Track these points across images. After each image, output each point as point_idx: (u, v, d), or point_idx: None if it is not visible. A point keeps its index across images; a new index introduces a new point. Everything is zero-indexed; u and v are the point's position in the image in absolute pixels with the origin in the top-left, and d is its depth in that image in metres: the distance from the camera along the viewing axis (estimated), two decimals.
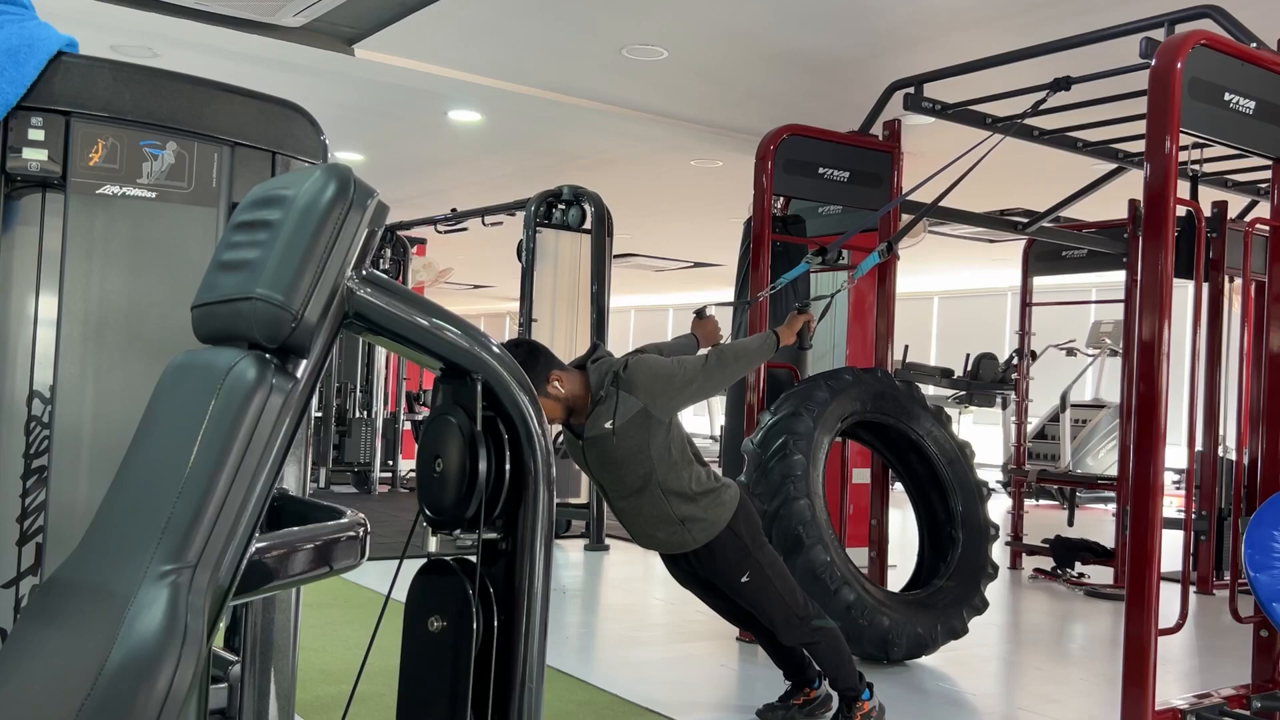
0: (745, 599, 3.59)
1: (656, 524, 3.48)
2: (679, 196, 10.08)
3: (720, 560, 3.53)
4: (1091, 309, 10.76)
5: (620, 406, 3.32)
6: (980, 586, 4.85)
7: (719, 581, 3.60)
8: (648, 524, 3.50)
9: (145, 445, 1.23)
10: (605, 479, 3.50)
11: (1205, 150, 5.25)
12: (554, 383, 3.30)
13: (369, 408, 10.14)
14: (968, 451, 5.07)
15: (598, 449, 3.39)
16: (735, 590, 3.58)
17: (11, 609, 1.79)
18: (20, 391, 1.81)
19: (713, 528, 3.48)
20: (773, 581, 3.57)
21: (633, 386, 3.33)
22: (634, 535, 3.61)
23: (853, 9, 5.20)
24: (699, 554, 3.54)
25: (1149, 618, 3.37)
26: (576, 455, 3.52)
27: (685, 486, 3.44)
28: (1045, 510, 10.81)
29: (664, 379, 3.38)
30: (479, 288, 19.68)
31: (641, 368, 3.37)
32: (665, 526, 3.48)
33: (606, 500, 3.59)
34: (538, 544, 1.40)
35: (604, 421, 3.32)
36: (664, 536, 3.51)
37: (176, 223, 1.88)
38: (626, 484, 3.44)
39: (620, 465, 3.40)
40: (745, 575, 3.53)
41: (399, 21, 5.63)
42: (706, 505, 3.48)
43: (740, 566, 3.53)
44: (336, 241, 1.21)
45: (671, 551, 3.59)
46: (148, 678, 1.04)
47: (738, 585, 3.55)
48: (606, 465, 3.43)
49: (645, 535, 3.56)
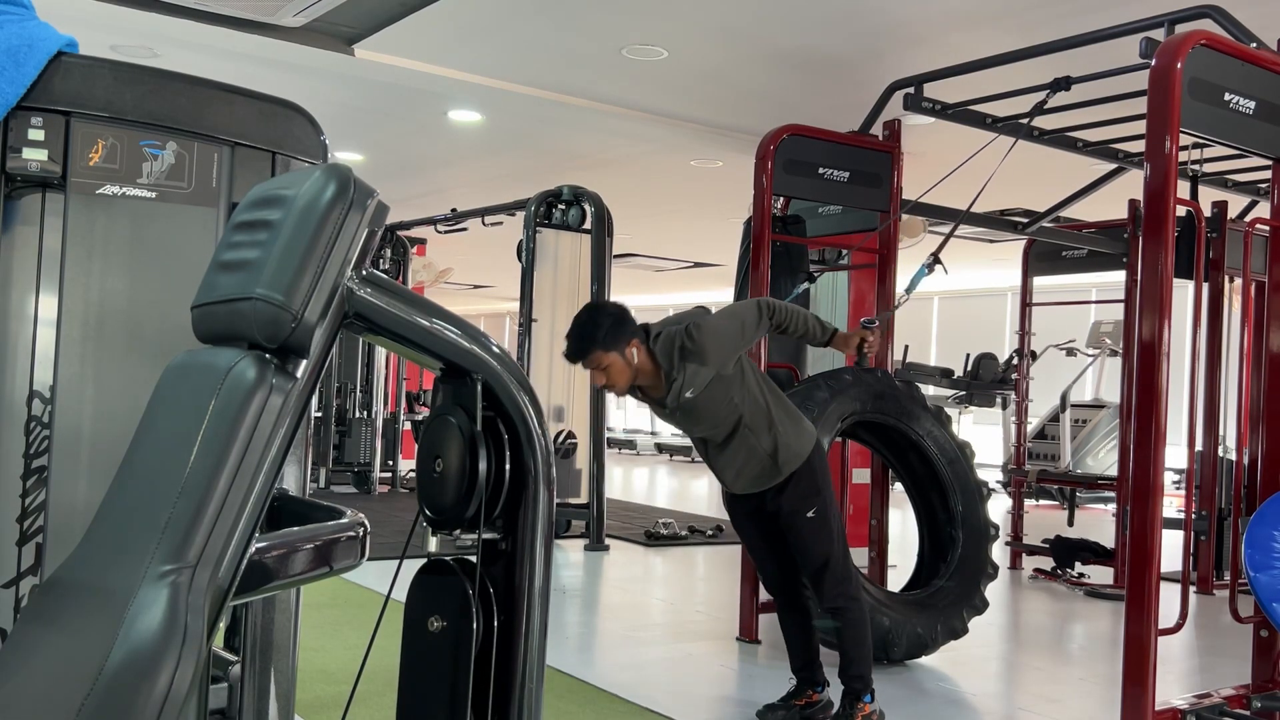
0: (804, 538, 3.65)
1: (750, 463, 3.63)
2: (679, 196, 10.08)
3: (794, 490, 3.64)
4: (1091, 309, 10.77)
5: (693, 377, 3.49)
6: (980, 586, 4.85)
7: (785, 515, 3.66)
8: (744, 465, 3.65)
9: (145, 445, 1.23)
10: (700, 432, 3.67)
11: (1205, 150, 5.25)
12: (631, 349, 3.46)
13: (369, 408, 10.14)
14: (968, 451, 5.07)
15: (685, 412, 3.59)
16: (798, 526, 3.65)
17: (11, 609, 1.79)
18: (20, 391, 1.81)
19: (797, 458, 3.63)
20: (831, 526, 3.69)
21: (702, 357, 3.48)
22: (728, 480, 3.74)
23: (853, 9, 5.20)
24: (779, 488, 3.65)
25: (1149, 618, 3.37)
26: (672, 421, 3.70)
27: (770, 420, 3.61)
28: (1045, 510, 10.81)
29: (721, 334, 3.52)
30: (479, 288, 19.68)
31: (706, 337, 3.49)
32: (758, 464, 3.63)
33: (703, 452, 3.75)
34: (538, 544, 1.40)
35: (685, 392, 3.51)
36: (757, 473, 3.66)
37: (176, 223, 1.88)
38: (720, 432, 3.61)
39: (711, 421, 3.59)
40: (812, 510, 3.65)
41: (399, 21, 5.63)
42: (793, 435, 3.64)
43: (809, 501, 3.65)
44: (336, 241, 1.21)
45: (763, 487, 3.68)
46: (148, 678, 1.04)
47: (802, 520, 3.64)
48: (698, 423, 3.62)
49: (740, 477, 3.69)
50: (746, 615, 5.02)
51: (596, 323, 3.43)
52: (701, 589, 6.59)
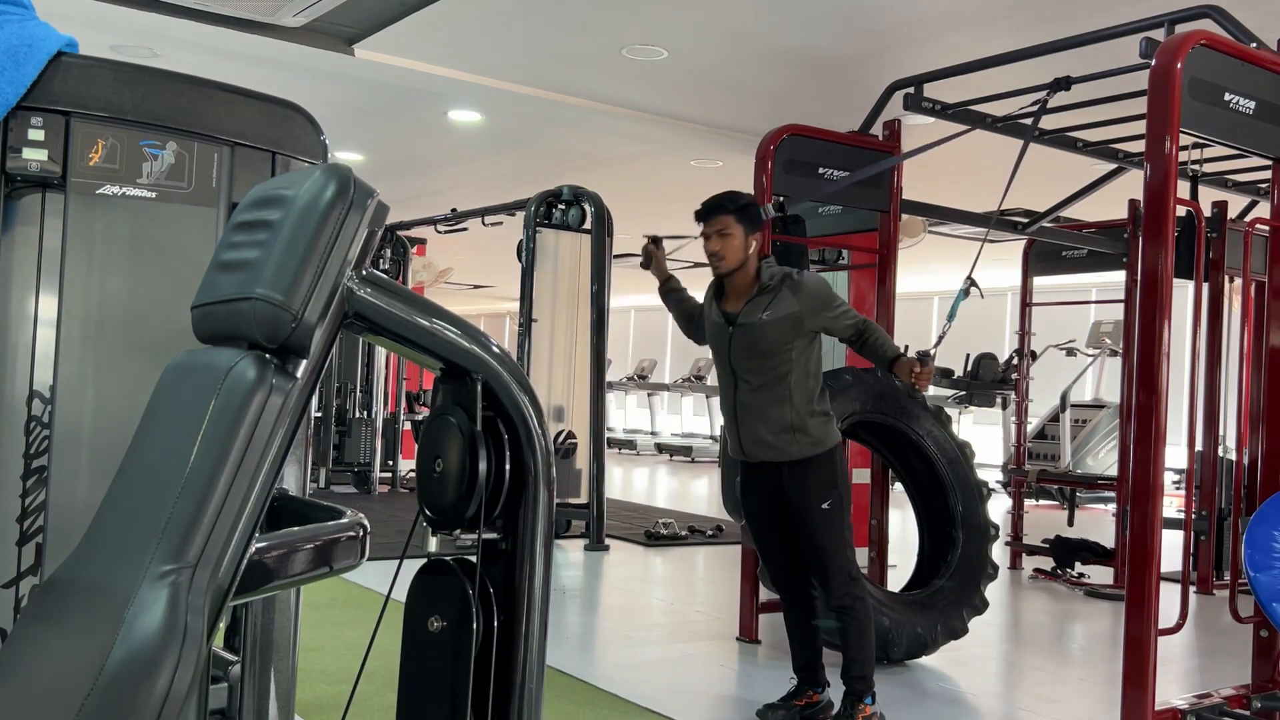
0: (816, 530, 3.67)
1: (770, 426, 3.66)
2: (679, 196, 10.07)
3: (812, 478, 3.67)
4: (1091, 309, 10.77)
5: (779, 304, 3.62)
6: (980, 586, 4.85)
7: (800, 503, 3.68)
8: (763, 425, 3.67)
9: (145, 445, 1.23)
10: (744, 367, 3.69)
11: (1205, 150, 5.25)
12: (753, 239, 3.66)
13: (369, 408, 10.14)
14: (968, 451, 5.07)
15: (746, 336, 3.66)
16: (810, 517, 3.66)
17: (11, 609, 1.79)
18: (20, 391, 1.81)
19: (816, 446, 3.68)
20: (844, 520, 3.72)
21: (799, 291, 3.62)
22: (743, 440, 3.74)
23: (853, 9, 5.20)
24: (796, 467, 3.67)
25: (1149, 618, 3.37)
26: (720, 344, 3.75)
27: (810, 398, 3.68)
28: (1045, 510, 10.80)
29: (826, 299, 3.69)
30: (479, 288, 19.68)
31: (812, 281, 3.69)
32: (777, 431, 3.66)
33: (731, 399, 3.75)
34: (538, 544, 1.40)
35: (760, 312, 3.62)
36: (772, 440, 3.67)
37: (176, 223, 1.88)
38: (763, 374, 3.66)
39: (763, 356, 3.65)
40: (827, 503, 3.68)
41: (399, 21, 5.63)
42: (818, 424, 3.70)
43: (825, 492, 3.68)
44: (336, 241, 1.21)
45: (775, 459, 3.69)
46: (148, 678, 1.04)
47: (816, 512, 3.66)
48: (749, 353, 3.67)
49: (755, 440, 3.71)
50: (746, 615, 5.02)
51: (739, 195, 3.71)
52: (701, 589, 6.59)
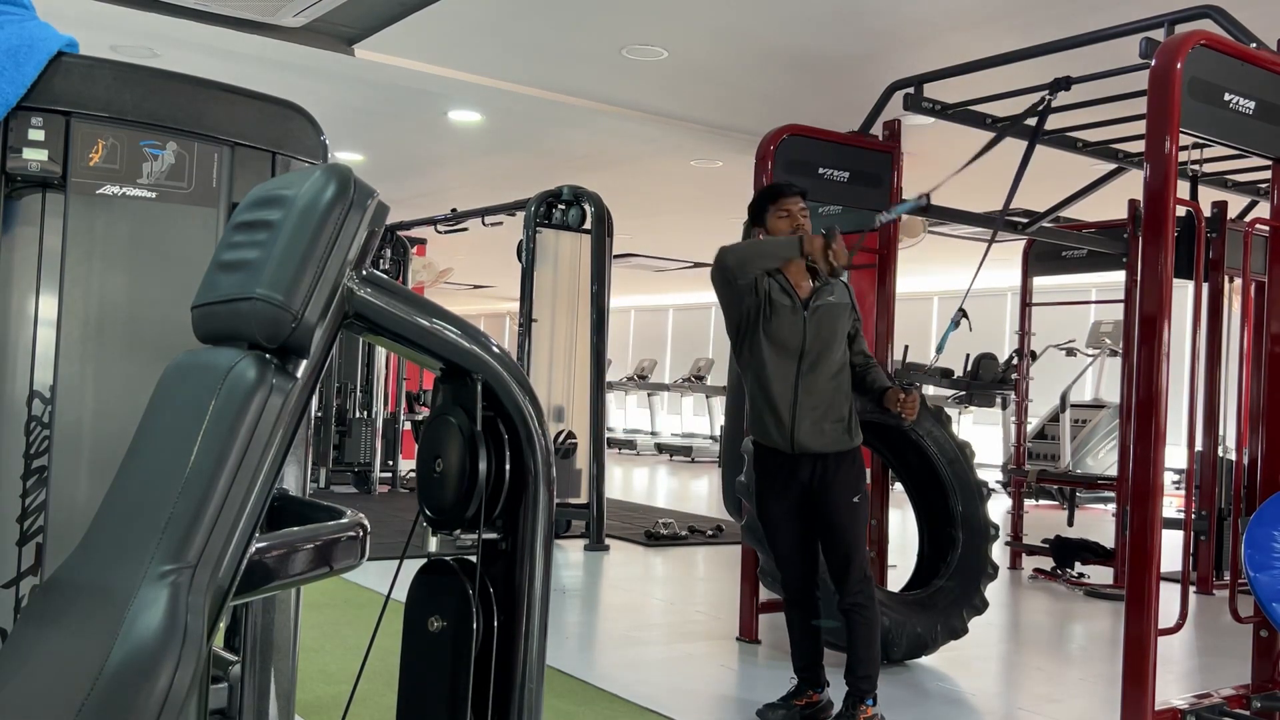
0: (845, 521, 3.73)
1: (832, 415, 3.75)
2: (679, 196, 10.09)
3: (847, 470, 3.76)
4: (1091, 309, 10.77)
5: (839, 292, 3.82)
6: (980, 586, 4.85)
7: (835, 496, 3.73)
8: (826, 414, 3.75)
9: (145, 445, 1.23)
10: (817, 352, 3.76)
11: (1205, 150, 5.25)
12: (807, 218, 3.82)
13: (369, 408, 10.14)
14: (968, 451, 5.06)
15: (821, 318, 3.77)
16: (843, 508, 3.73)
17: (11, 609, 1.79)
18: (20, 391, 1.81)
19: (856, 439, 3.81)
20: (866, 515, 3.89)
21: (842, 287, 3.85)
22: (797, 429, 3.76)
23: (853, 9, 5.20)
24: (839, 460, 3.75)
25: (1149, 618, 3.37)
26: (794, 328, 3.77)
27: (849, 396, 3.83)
28: (1045, 510, 10.80)
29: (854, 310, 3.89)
30: (479, 288, 19.68)
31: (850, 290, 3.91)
32: (834, 420, 3.76)
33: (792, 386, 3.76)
34: (538, 544, 1.40)
35: (830, 296, 3.80)
36: (829, 429, 3.75)
37: (176, 223, 1.88)
38: (830, 363, 3.77)
39: (833, 342, 3.78)
40: (858, 496, 3.77)
41: (399, 21, 5.63)
42: (855, 421, 3.84)
43: (859, 484, 3.78)
44: (336, 242, 1.21)
45: (825, 449, 3.75)
46: (148, 678, 1.04)
47: (847, 503, 3.74)
48: (822, 338, 3.76)
49: (812, 430, 3.74)
50: (746, 615, 5.02)
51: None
52: (701, 589, 6.59)
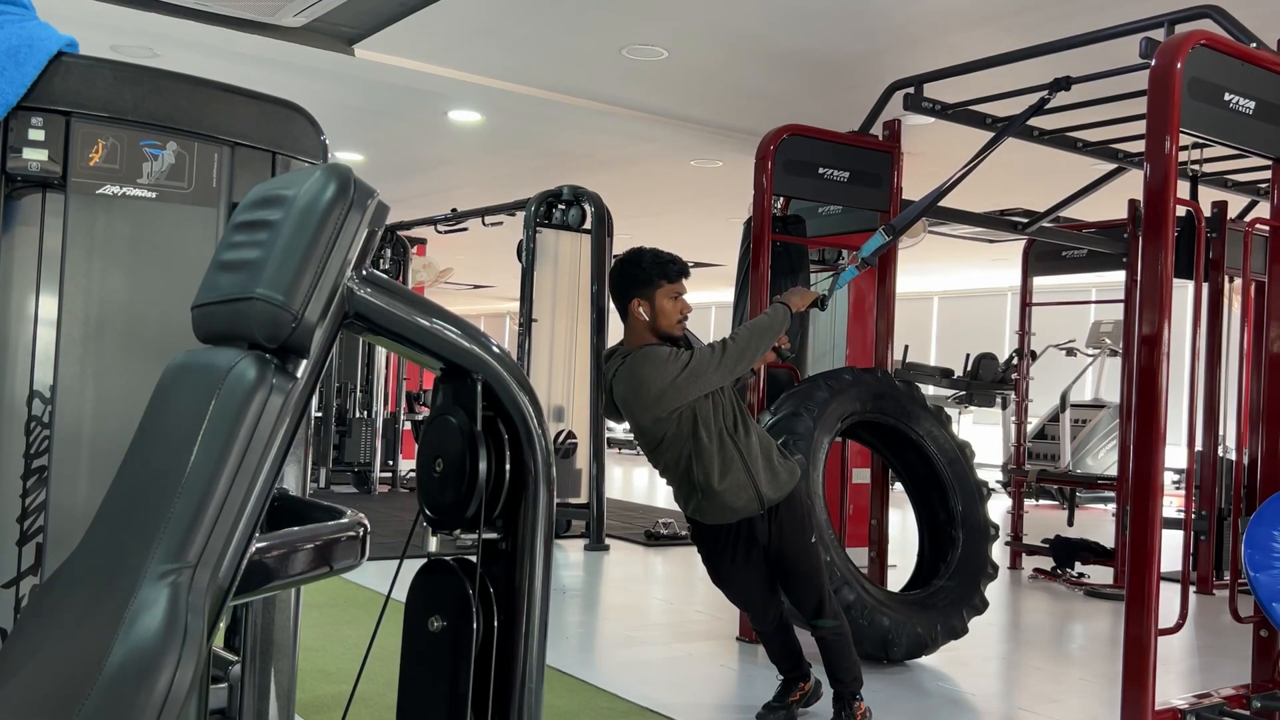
0: (804, 564, 3.65)
1: (737, 491, 3.53)
2: (679, 196, 10.08)
3: (794, 518, 3.63)
4: (1091, 309, 10.77)
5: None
6: (980, 586, 4.85)
7: (787, 544, 3.62)
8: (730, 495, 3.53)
9: (145, 445, 1.23)
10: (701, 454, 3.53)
11: (1205, 150, 5.25)
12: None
13: (369, 408, 10.14)
14: (968, 451, 5.07)
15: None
16: (798, 554, 3.63)
17: (11, 609, 1.79)
18: (20, 391, 1.81)
19: (786, 485, 3.62)
20: (824, 551, 3.77)
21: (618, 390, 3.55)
22: (716, 515, 3.61)
23: (853, 9, 5.20)
24: (775, 513, 3.60)
25: (1149, 618, 3.37)
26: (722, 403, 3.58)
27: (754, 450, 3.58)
28: (1045, 510, 10.81)
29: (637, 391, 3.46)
30: (479, 288, 19.67)
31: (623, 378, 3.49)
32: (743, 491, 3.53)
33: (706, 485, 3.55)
34: (538, 544, 1.40)
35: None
36: (743, 504, 3.56)
37: (176, 223, 1.88)
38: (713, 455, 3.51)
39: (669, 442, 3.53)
40: (813, 536, 3.69)
41: (399, 21, 5.63)
42: (777, 468, 3.63)
43: (808, 528, 3.68)
44: (336, 241, 1.21)
45: (751, 514, 3.59)
46: (148, 678, 1.04)
47: (805, 545, 3.65)
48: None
49: (727, 509, 3.57)
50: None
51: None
52: (701, 589, 6.59)
